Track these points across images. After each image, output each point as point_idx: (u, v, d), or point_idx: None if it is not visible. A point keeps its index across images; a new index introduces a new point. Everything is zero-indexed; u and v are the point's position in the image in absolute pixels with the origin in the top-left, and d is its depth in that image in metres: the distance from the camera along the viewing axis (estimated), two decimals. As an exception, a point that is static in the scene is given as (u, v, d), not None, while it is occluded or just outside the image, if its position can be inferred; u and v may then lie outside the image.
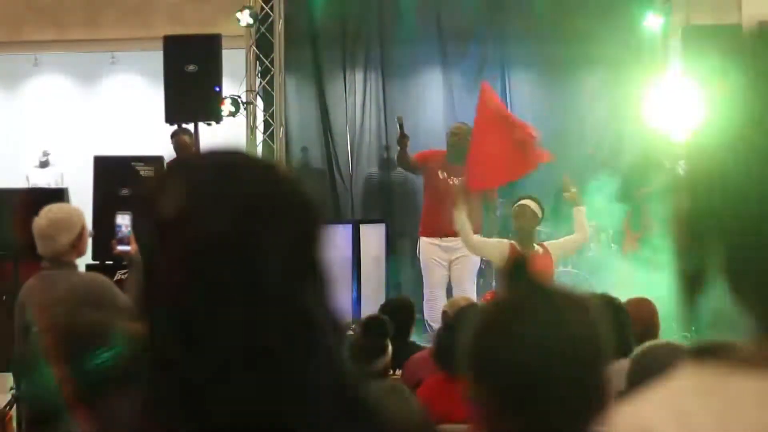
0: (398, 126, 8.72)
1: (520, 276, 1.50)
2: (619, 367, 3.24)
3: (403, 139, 8.61)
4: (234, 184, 1.13)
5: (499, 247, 7.22)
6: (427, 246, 8.59)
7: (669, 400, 0.93)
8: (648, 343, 3.43)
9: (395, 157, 9.06)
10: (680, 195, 0.94)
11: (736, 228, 0.90)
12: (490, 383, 1.49)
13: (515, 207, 7.30)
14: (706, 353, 0.93)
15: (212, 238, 1.09)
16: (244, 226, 1.10)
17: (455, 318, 4.65)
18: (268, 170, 1.17)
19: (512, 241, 7.18)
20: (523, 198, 7.35)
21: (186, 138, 9.25)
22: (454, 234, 8.28)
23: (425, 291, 8.58)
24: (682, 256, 0.94)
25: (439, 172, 8.56)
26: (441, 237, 8.48)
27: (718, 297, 0.91)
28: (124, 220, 5.10)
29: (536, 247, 7.19)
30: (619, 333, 3.76)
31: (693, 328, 6.30)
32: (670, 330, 5.50)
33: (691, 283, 0.93)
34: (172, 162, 1.27)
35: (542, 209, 7.31)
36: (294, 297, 1.11)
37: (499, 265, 7.53)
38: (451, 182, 8.47)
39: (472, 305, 5.28)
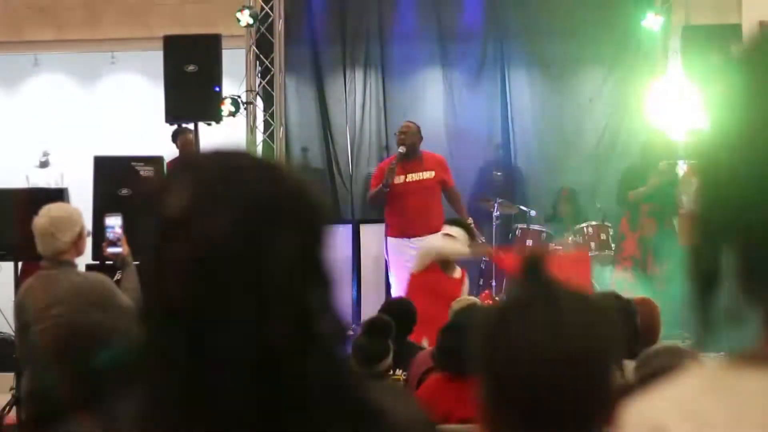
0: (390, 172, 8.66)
1: (532, 274, 1.49)
2: (628, 368, 3.24)
3: (386, 187, 8.65)
4: (239, 184, 1.12)
5: None
6: (397, 246, 8.76)
7: (680, 397, 0.93)
8: (653, 347, 3.42)
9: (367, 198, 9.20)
10: (692, 195, 0.94)
11: (749, 227, 0.90)
12: (496, 383, 1.48)
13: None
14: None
15: (217, 239, 1.09)
16: (248, 226, 1.10)
17: (458, 318, 4.65)
18: (273, 171, 1.17)
19: None
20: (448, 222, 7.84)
21: (191, 136, 9.24)
22: (421, 234, 8.40)
23: (395, 292, 8.60)
24: (696, 255, 0.94)
25: (396, 178, 8.70)
26: (409, 237, 8.61)
27: (730, 296, 0.91)
28: (115, 222, 5.07)
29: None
30: (627, 333, 3.75)
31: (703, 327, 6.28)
32: (671, 331, 5.49)
33: (705, 283, 0.93)
34: (177, 161, 1.27)
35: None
36: (298, 298, 1.10)
37: None
38: (409, 180, 8.66)
39: (474, 305, 5.29)
